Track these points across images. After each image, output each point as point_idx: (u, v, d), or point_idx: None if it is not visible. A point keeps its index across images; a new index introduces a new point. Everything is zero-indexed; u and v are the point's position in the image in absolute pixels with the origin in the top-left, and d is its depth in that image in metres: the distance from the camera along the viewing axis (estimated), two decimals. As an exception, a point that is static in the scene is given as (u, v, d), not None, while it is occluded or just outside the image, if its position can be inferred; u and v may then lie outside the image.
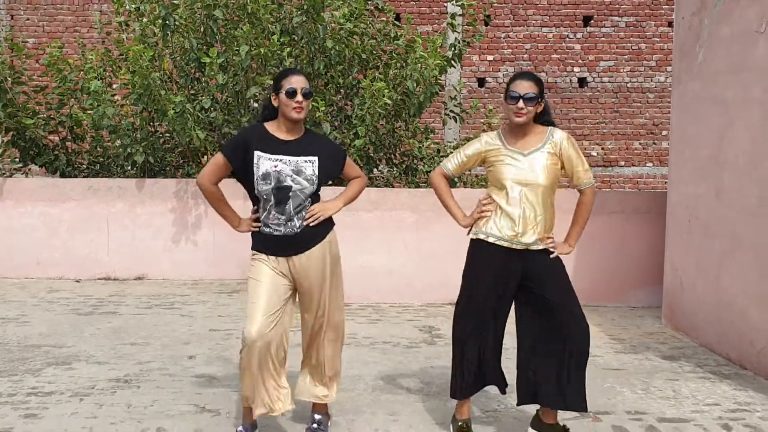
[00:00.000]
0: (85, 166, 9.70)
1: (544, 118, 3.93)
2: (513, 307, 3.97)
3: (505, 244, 3.82)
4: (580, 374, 3.84)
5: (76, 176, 9.43)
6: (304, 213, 3.77)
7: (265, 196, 3.75)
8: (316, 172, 3.77)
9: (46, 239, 8.48)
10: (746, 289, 5.31)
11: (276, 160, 3.72)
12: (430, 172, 9.41)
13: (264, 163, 3.72)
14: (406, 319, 6.75)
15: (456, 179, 8.88)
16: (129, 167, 9.34)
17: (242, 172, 3.80)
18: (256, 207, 3.87)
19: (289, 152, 3.76)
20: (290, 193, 3.72)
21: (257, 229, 3.84)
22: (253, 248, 3.91)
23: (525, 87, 3.79)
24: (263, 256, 3.84)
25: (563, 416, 4.26)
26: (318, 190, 3.83)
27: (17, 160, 9.48)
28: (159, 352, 5.54)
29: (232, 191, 4.51)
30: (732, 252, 5.51)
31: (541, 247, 3.84)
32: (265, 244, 3.83)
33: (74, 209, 8.49)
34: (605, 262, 7.45)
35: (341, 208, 3.94)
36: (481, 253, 3.90)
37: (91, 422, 4.08)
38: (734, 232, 5.48)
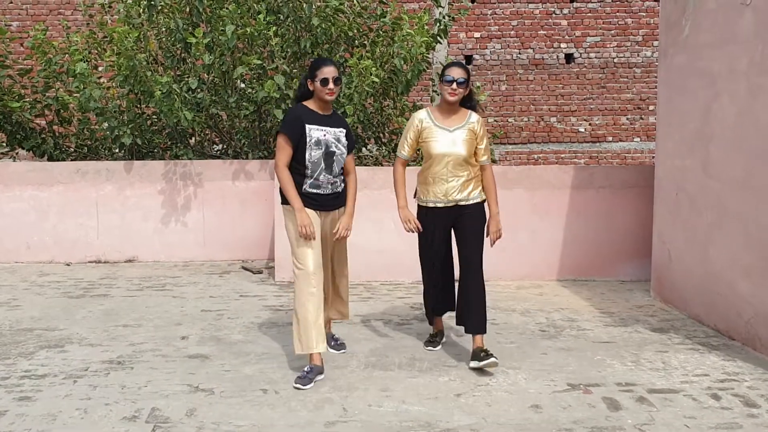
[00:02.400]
0: (72, 149, 9.66)
1: (468, 103, 4.98)
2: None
3: (440, 204, 4.90)
4: (478, 306, 4.86)
5: (63, 159, 9.40)
6: (342, 175, 4.79)
7: (315, 160, 4.61)
8: (346, 141, 4.77)
9: (36, 223, 8.45)
10: (733, 261, 5.36)
11: (323, 131, 4.65)
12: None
13: (315, 133, 4.61)
14: (397, 297, 6.78)
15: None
16: (117, 149, 9.31)
17: (296, 144, 4.62)
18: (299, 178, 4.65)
19: (329, 124, 4.71)
20: (334, 157, 4.67)
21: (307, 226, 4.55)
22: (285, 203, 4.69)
23: (458, 73, 4.81)
24: (309, 210, 4.63)
25: (555, 389, 4.32)
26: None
27: (4, 144, 9.43)
28: (151, 333, 5.55)
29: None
30: (719, 224, 5.56)
31: (467, 203, 4.89)
32: (314, 201, 4.67)
33: (63, 192, 8.46)
34: (594, 236, 7.50)
35: (353, 217, 4.91)
36: (426, 214, 4.99)
37: (85, 403, 4.10)
38: (721, 205, 5.52)
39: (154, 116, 9.22)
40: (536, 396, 4.24)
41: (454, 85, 4.79)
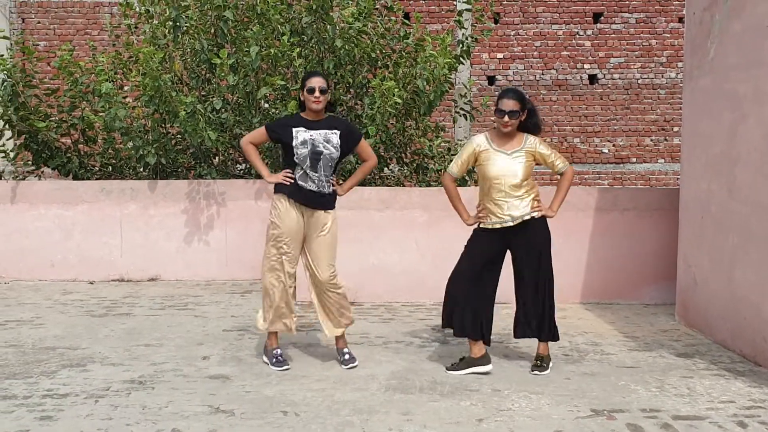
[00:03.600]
0: (97, 169, 9.74)
1: (527, 123, 5.04)
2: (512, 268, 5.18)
3: (497, 225, 4.97)
4: (547, 314, 5.11)
5: (88, 178, 9.47)
6: (331, 179, 5.12)
7: (302, 159, 5.01)
8: (339, 142, 5.09)
9: (60, 241, 8.52)
10: (759, 285, 5.29)
11: (309, 133, 5.04)
12: (441, 170, 9.43)
13: (301, 134, 5.04)
14: (419, 318, 6.75)
15: (467, 178, 8.93)
16: (141, 169, 9.38)
17: (280, 137, 5.11)
18: (289, 171, 5.07)
19: (319, 127, 5.09)
20: (321, 156, 5.03)
21: (290, 181, 5.03)
22: (280, 191, 5.10)
23: (510, 105, 4.88)
24: (290, 201, 5.05)
25: (578, 414, 4.28)
26: (341, 157, 5.17)
27: (30, 163, 9.53)
28: (173, 353, 5.56)
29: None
30: (745, 248, 5.49)
31: (528, 216, 4.95)
32: (301, 193, 5.05)
33: (87, 211, 8.53)
34: (618, 259, 7.43)
35: (345, 193, 5.34)
36: (480, 234, 5.09)
37: (106, 424, 4.10)
38: (747, 228, 5.46)
39: (178, 136, 9.29)
40: (559, 422, 4.19)
41: (506, 118, 4.89)
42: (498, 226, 4.96)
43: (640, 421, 4.20)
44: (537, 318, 5.10)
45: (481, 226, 5.08)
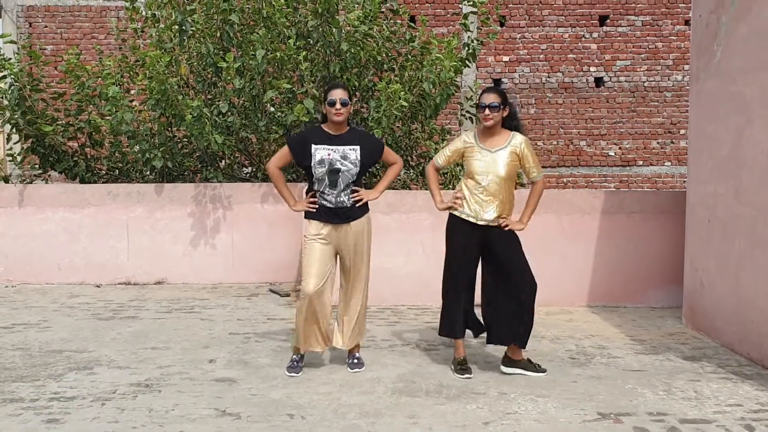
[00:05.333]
0: (104, 172, 9.77)
1: (510, 123, 5.12)
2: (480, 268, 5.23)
3: (471, 219, 5.03)
4: (527, 318, 5.02)
5: (95, 182, 9.50)
6: (351, 193, 5.03)
7: (320, 177, 4.99)
8: (359, 157, 5.03)
9: (67, 245, 8.54)
10: (766, 289, 5.27)
11: (328, 150, 4.99)
12: (447, 173, 9.44)
13: (319, 152, 4.98)
14: (425, 321, 6.74)
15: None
16: (148, 172, 9.40)
17: (301, 160, 5.06)
18: (312, 192, 5.05)
19: (338, 143, 5.02)
20: (339, 174, 4.98)
21: (314, 209, 5.03)
22: (307, 216, 5.09)
23: (489, 98, 5.00)
24: (316, 222, 5.04)
25: (585, 418, 4.26)
26: (362, 171, 5.08)
27: (37, 166, 9.55)
28: (179, 356, 5.56)
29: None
30: (752, 251, 5.47)
31: (494, 224, 5.00)
32: (319, 213, 5.03)
33: (94, 215, 8.55)
34: (625, 262, 7.42)
35: (379, 196, 5.22)
36: (454, 223, 5.14)
37: (113, 427, 4.10)
38: (754, 231, 5.44)
39: (184, 139, 9.31)
40: (566, 425, 4.18)
41: (487, 111, 4.97)
42: (465, 217, 5.04)
43: (647, 424, 4.19)
44: (509, 320, 5.10)
45: (454, 212, 5.12)
